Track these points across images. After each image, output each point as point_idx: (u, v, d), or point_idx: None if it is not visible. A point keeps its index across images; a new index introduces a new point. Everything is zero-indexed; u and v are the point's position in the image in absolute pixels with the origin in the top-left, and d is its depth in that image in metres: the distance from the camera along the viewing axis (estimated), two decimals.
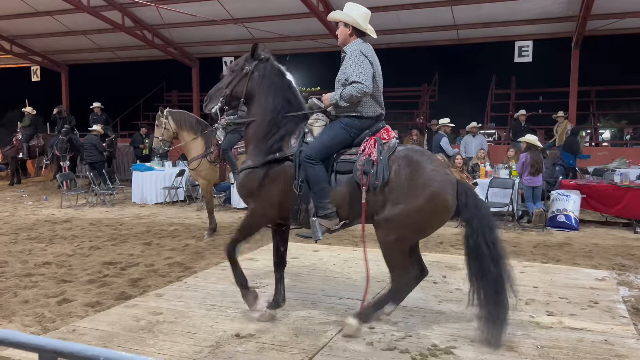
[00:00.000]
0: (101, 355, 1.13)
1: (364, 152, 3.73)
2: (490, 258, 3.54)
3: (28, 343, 1.28)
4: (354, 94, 3.68)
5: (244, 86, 4.02)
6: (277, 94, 3.99)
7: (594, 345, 3.62)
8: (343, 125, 3.85)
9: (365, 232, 3.76)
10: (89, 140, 12.33)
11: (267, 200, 3.93)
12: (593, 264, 6.22)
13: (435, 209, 3.62)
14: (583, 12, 11.10)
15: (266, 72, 4.02)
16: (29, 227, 8.58)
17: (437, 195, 3.58)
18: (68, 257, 6.44)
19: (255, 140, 4.00)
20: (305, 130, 3.94)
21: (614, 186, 8.55)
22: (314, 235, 3.77)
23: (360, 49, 3.81)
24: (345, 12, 3.89)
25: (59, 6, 13.54)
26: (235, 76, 4.06)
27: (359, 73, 3.70)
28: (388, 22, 12.96)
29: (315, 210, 3.76)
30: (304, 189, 3.79)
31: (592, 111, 16.18)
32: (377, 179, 3.60)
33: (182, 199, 11.56)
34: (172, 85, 20.11)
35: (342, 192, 3.77)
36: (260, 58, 4.03)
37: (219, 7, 13.13)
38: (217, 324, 3.99)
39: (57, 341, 1.29)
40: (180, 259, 6.33)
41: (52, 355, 1.19)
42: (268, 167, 3.89)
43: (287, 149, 3.89)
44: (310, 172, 3.73)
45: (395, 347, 3.57)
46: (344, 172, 3.78)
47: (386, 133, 3.86)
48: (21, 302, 4.75)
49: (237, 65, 4.09)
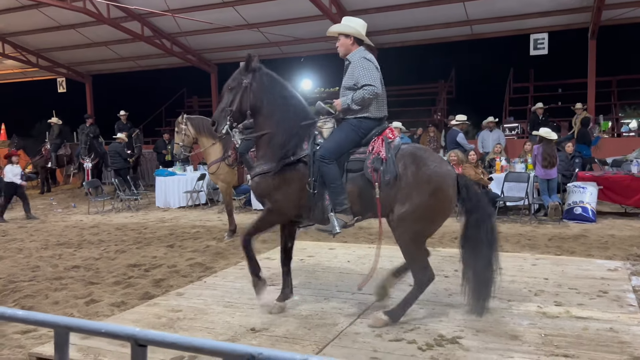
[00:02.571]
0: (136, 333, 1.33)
1: (373, 151, 3.98)
2: (486, 244, 3.85)
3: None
4: (366, 96, 3.94)
5: (247, 100, 4.22)
6: (284, 104, 4.22)
7: (598, 332, 3.69)
8: (352, 126, 4.09)
9: (388, 227, 4.01)
10: (114, 148, 12.75)
11: (283, 200, 4.15)
12: (608, 255, 6.24)
13: (439, 202, 3.88)
14: (597, 2, 11.03)
15: (264, 82, 4.24)
16: (58, 233, 8.97)
17: (439, 189, 3.84)
18: (95, 261, 6.75)
19: (271, 149, 4.19)
20: (316, 132, 4.17)
21: (631, 177, 8.49)
22: (333, 229, 4.03)
23: (364, 56, 4.09)
24: (344, 24, 4.18)
25: (81, 19, 14.06)
26: (235, 92, 4.23)
27: (368, 76, 3.97)
28: (402, 20, 13.08)
29: (333, 206, 3.99)
30: (317, 187, 4.01)
31: (614, 101, 15.97)
32: (387, 175, 3.86)
33: (204, 202, 11.87)
34: (193, 91, 20.56)
35: (354, 189, 4.01)
36: (254, 69, 4.23)
37: (234, 14, 13.42)
38: (233, 320, 4.19)
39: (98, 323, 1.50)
40: (201, 259, 6.58)
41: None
42: (283, 170, 4.11)
43: (300, 151, 4.12)
44: (326, 171, 3.96)
45: (403, 338, 3.71)
46: (355, 171, 4.02)
47: (391, 132, 4.12)
48: (52, 303, 5.04)
49: (235, 81, 4.27)
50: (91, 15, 13.06)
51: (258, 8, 13.07)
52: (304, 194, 4.09)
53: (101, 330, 1.38)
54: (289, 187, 4.11)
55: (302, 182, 4.08)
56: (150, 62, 17.83)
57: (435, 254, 5.18)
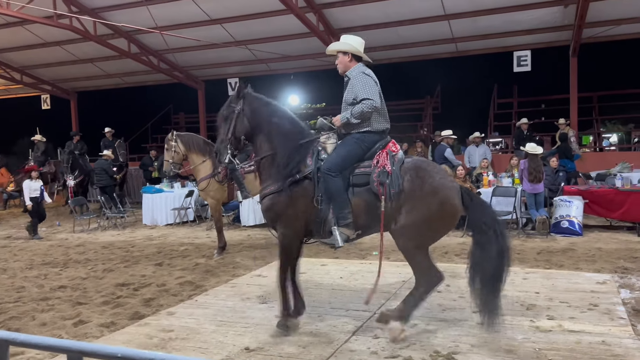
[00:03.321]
0: (119, 353, 1.31)
1: (378, 165, 4.04)
2: (497, 248, 3.86)
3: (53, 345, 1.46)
4: (364, 110, 4.02)
5: (243, 126, 4.31)
6: (279, 123, 4.29)
7: (591, 346, 3.73)
8: (355, 140, 4.17)
9: (376, 243, 4.01)
10: (100, 165, 12.60)
11: (293, 219, 4.18)
12: (596, 267, 6.31)
13: (446, 213, 3.97)
14: (578, 20, 11.29)
15: (255, 105, 4.34)
16: (43, 252, 8.81)
17: (446, 200, 3.92)
18: (82, 280, 6.64)
19: (275, 169, 4.23)
20: (319, 148, 4.22)
21: (615, 190, 8.64)
22: (336, 242, 4.06)
23: (362, 71, 4.20)
24: (342, 42, 4.29)
25: (67, 36, 14.00)
26: (231, 121, 4.33)
27: (367, 91, 4.06)
28: (388, 38, 13.26)
29: (336, 220, 4.03)
30: (324, 202, 4.05)
31: (595, 116, 16.30)
32: (393, 188, 3.92)
33: (192, 219, 11.77)
34: (179, 108, 20.54)
35: (359, 203, 4.06)
36: (244, 95, 4.34)
37: (221, 31, 13.48)
38: (226, 339, 4.15)
39: (81, 343, 1.47)
40: (191, 277, 6.50)
41: (78, 355, 1.37)
42: (290, 189, 4.13)
43: (304, 168, 4.16)
44: (332, 184, 4.00)
45: (399, 355, 3.71)
46: (361, 185, 4.08)
47: (394, 146, 4.20)
48: (39, 325, 4.93)
49: (228, 110, 4.38)
50: (77, 33, 13.01)
51: (246, 25, 13.16)
52: (313, 210, 4.12)
53: (117, 354, 1.36)
54: (299, 204, 4.14)
55: (310, 199, 4.11)
56: (137, 78, 17.77)
57: None
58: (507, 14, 11.79)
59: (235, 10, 12.58)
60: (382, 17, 12.32)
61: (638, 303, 4.82)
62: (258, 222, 10.66)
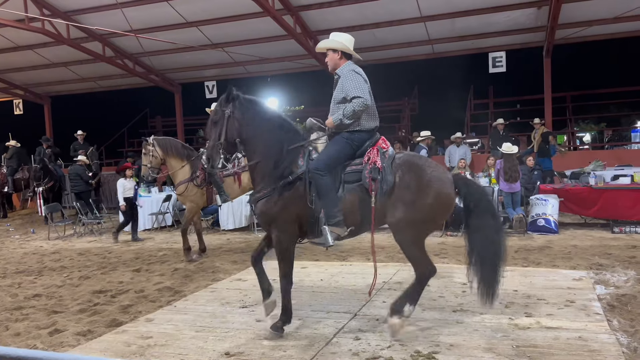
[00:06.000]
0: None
1: (369, 161, 4.06)
2: (494, 229, 4.00)
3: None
4: (356, 109, 4.02)
5: (233, 129, 4.25)
6: (270, 124, 4.27)
7: (568, 342, 3.79)
8: (345, 139, 4.17)
9: (356, 246, 3.98)
10: (74, 170, 12.34)
11: (287, 221, 4.16)
12: (572, 264, 6.42)
13: (441, 203, 4.02)
14: (551, 22, 11.52)
15: (245, 107, 4.29)
16: (17, 260, 8.60)
17: (441, 191, 3.98)
18: (58, 288, 6.49)
19: (267, 173, 4.21)
20: (310, 148, 4.23)
21: (589, 188, 8.81)
22: (326, 242, 4.05)
23: (352, 69, 4.18)
24: (332, 40, 4.28)
25: (40, 40, 13.74)
26: (221, 125, 4.27)
27: (357, 89, 4.05)
28: (365, 40, 13.30)
29: (326, 219, 4.01)
30: (315, 201, 4.04)
31: (569, 116, 16.63)
32: (385, 184, 3.95)
33: (170, 224, 11.63)
34: (156, 111, 20.30)
35: (351, 200, 4.07)
36: (234, 98, 4.28)
37: (198, 34, 13.38)
38: (207, 344, 4.09)
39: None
40: (169, 283, 6.41)
41: None
42: (282, 190, 4.11)
43: (296, 169, 4.14)
44: (320, 183, 3.99)
45: (380, 356, 3.71)
46: (352, 182, 4.09)
47: (384, 142, 4.22)
48: (13, 335, 4.80)
49: (217, 114, 4.31)
50: (50, 36, 12.78)
51: (222, 28, 13.08)
52: (307, 210, 4.11)
53: None
54: (291, 205, 4.12)
55: (303, 199, 4.10)
56: (112, 82, 17.52)
57: (409, 269, 5.21)
58: (482, 16, 11.98)
59: (212, 13, 12.50)
60: (359, 19, 12.39)
61: (613, 298, 4.92)
62: (237, 225, 10.58)
